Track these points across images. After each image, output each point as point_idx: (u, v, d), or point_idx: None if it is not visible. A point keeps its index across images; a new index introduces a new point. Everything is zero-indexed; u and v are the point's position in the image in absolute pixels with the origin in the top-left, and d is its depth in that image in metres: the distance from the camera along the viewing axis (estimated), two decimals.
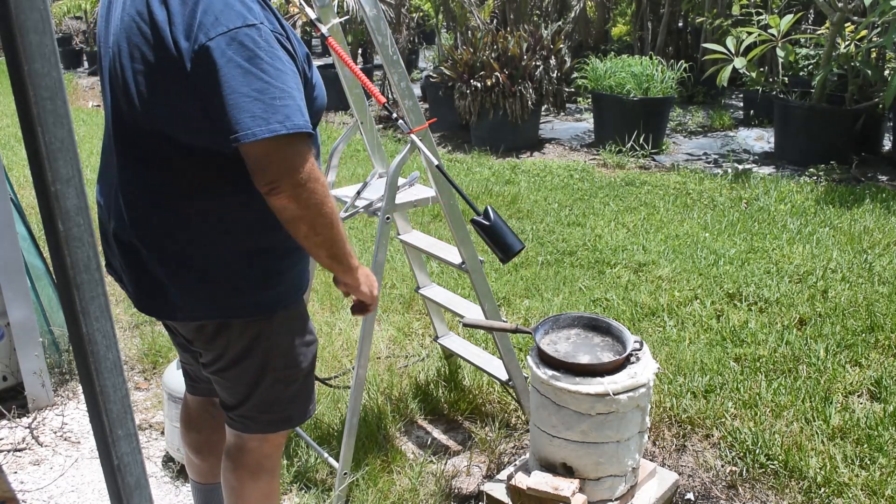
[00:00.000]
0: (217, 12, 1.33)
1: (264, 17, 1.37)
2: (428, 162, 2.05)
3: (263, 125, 1.31)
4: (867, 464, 2.41)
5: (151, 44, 1.40)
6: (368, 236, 4.62)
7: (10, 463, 2.63)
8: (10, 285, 2.76)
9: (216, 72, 1.31)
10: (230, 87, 1.31)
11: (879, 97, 5.94)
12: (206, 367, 1.70)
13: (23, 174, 6.03)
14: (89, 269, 0.74)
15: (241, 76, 1.31)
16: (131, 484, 0.83)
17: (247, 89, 1.31)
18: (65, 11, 13.15)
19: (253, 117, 1.31)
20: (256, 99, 1.31)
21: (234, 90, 1.31)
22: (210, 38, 1.32)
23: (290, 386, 1.72)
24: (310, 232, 1.44)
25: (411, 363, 3.12)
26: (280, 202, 1.38)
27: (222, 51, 1.31)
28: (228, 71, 1.31)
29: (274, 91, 1.33)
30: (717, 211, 4.99)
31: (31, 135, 0.69)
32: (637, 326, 3.39)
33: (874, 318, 3.31)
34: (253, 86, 1.31)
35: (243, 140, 1.31)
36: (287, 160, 1.36)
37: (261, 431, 1.74)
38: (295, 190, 1.37)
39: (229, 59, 1.31)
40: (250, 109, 1.31)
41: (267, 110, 1.31)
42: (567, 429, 2.05)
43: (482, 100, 6.72)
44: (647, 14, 9.15)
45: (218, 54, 1.31)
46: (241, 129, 1.31)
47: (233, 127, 1.31)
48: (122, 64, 1.46)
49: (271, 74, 1.33)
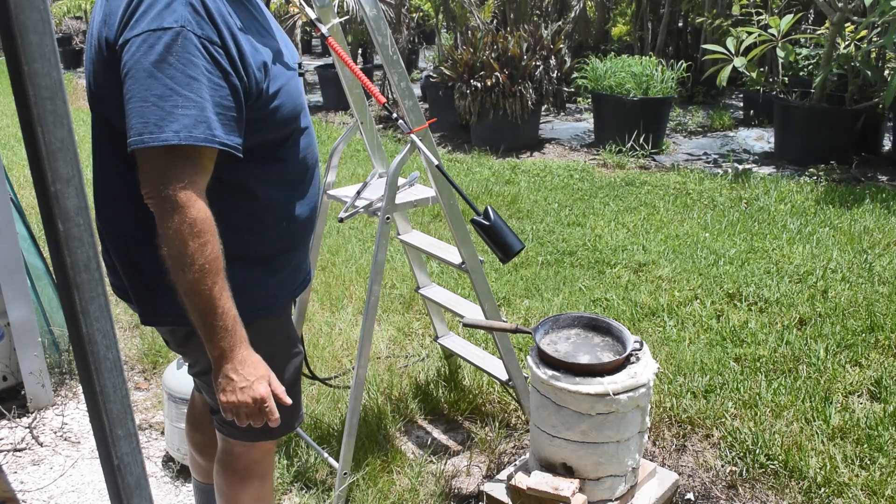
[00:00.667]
0: (139, 14, 1.30)
1: (192, 20, 1.30)
2: (428, 162, 2.05)
3: (156, 132, 1.25)
4: (867, 464, 2.41)
5: (96, 44, 1.41)
6: (368, 236, 4.62)
7: (10, 463, 2.63)
8: (10, 285, 2.76)
9: (124, 73, 1.29)
10: (131, 90, 1.27)
11: (879, 97, 5.94)
12: (189, 370, 1.72)
13: (23, 174, 6.03)
14: (89, 269, 0.74)
15: (144, 79, 1.27)
16: (131, 484, 0.83)
17: (146, 94, 1.26)
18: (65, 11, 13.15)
19: (146, 123, 1.25)
20: (154, 105, 1.26)
21: (133, 94, 1.27)
22: (126, 40, 1.29)
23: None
24: (166, 260, 1.33)
25: (411, 363, 3.12)
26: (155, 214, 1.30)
27: (132, 53, 1.28)
28: (133, 73, 1.27)
29: (177, 99, 1.26)
30: (717, 211, 4.99)
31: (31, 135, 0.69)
32: (637, 326, 3.39)
33: (874, 318, 3.31)
34: (153, 91, 1.26)
35: (133, 146, 1.26)
36: (164, 172, 1.28)
37: (244, 439, 1.72)
38: (157, 204, 1.29)
39: (136, 61, 1.27)
40: (145, 115, 1.26)
41: (164, 118, 1.25)
42: (567, 429, 2.05)
43: (482, 100, 6.72)
44: (647, 14, 9.15)
45: (128, 56, 1.28)
46: (133, 134, 1.27)
47: (129, 132, 1.27)
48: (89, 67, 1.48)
49: (178, 81, 1.27)
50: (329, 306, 3.68)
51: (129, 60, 1.28)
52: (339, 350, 3.23)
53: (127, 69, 1.28)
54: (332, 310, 3.65)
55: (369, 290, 2.17)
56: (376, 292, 2.18)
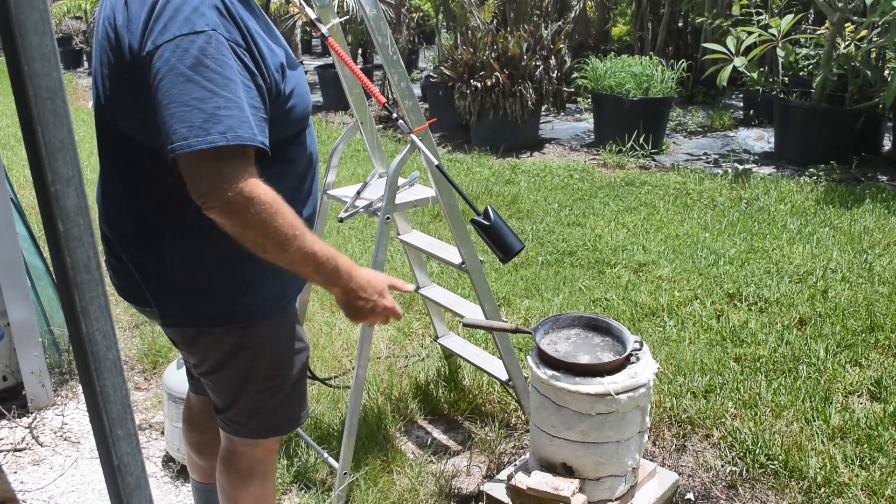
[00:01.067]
0: (167, 19, 1.28)
1: (220, 24, 1.30)
2: (428, 162, 2.05)
3: (202, 135, 1.24)
4: (867, 464, 2.41)
5: (114, 48, 1.40)
6: (368, 236, 4.62)
7: (10, 463, 2.63)
8: (10, 285, 2.76)
9: (158, 79, 1.27)
10: (169, 95, 1.25)
11: (879, 97, 5.94)
12: (194, 369, 1.71)
13: (23, 174, 6.03)
14: (89, 269, 0.74)
15: (182, 84, 1.25)
16: (131, 484, 0.83)
17: (186, 98, 1.25)
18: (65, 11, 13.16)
19: (190, 127, 1.24)
20: (196, 108, 1.25)
21: (172, 99, 1.25)
22: (157, 46, 1.28)
23: (276, 395, 1.69)
24: (258, 249, 1.36)
25: (411, 363, 3.12)
26: (214, 217, 1.31)
27: (165, 58, 1.26)
28: (170, 79, 1.26)
29: (218, 100, 1.26)
30: (717, 211, 4.99)
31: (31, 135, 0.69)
32: (637, 326, 3.39)
33: (874, 318, 3.31)
34: (194, 94, 1.25)
35: (178, 151, 1.24)
36: (221, 174, 1.27)
37: (249, 437, 1.72)
38: (225, 207, 1.29)
39: (172, 66, 1.26)
40: (188, 119, 1.24)
41: (208, 120, 1.25)
42: (567, 429, 2.05)
43: (482, 100, 6.72)
44: (647, 14, 9.15)
45: (161, 62, 1.27)
46: (176, 139, 1.25)
47: (170, 137, 1.25)
48: (97, 68, 1.47)
49: (217, 83, 1.27)
50: (329, 306, 3.68)
51: (162, 66, 1.26)
52: (339, 350, 3.23)
53: (161, 75, 1.26)
54: (332, 310, 3.65)
55: None
56: None
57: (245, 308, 1.55)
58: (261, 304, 1.57)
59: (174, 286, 1.51)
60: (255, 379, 1.64)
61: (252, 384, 1.64)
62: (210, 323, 1.54)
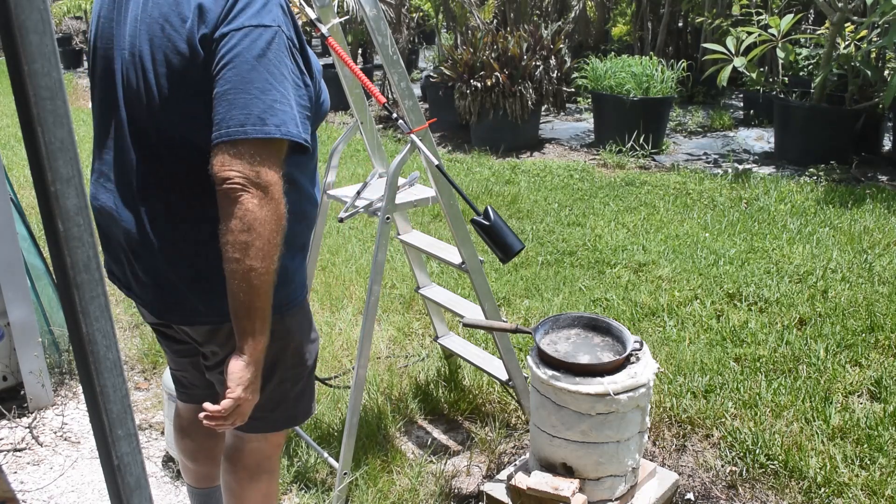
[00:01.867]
0: (238, 10, 1.33)
1: (284, 22, 1.37)
2: (428, 162, 2.05)
3: (259, 125, 1.30)
4: (867, 464, 2.41)
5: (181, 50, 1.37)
6: (368, 236, 4.62)
7: (10, 463, 2.63)
8: (10, 285, 2.76)
9: (223, 63, 1.31)
10: (231, 80, 1.31)
11: (879, 97, 5.94)
12: (214, 368, 1.68)
13: (23, 174, 6.03)
14: (89, 269, 0.74)
15: (247, 71, 1.31)
16: (131, 484, 0.83)
17: (248, 86, 1.31)
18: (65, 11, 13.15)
19: (248, 115, 1.30)
20: (257, 98, 1.31)
21: (234, 84, 1.31)
22: (224, 34, 1.32)
23: (296, 384, 1.72)
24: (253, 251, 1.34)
25: (411, 363, 3.12)
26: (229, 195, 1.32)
27: (233, 44, 1.31)
28: (237, 63, 1.31)
29: (275, 94, 1.32)
30: (717, 211, 4.99)
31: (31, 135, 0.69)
32: (637, 326, 3.39)
33: (874, 318, 3.31)
34: (255, 83, 1.31)
35: (234, 136, 1.29)
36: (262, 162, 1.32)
37: (267, 430, 1.74)
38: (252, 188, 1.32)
39: (239, 52, 1.31)
40: (248, 107, 1.30)
41: (266, 111, 1.31)
42: (567, 429, 2.05)
43: (482, 100, 6.72)
44: (647, 14, 9.15)
45: (228, 47, 1.32)
46: (233, 124, 1.30)
47: (225, 121, 1.30)
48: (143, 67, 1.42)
49: (276, 77, 1.33)
50: (329, 306, 3.69)
51: (229, 52, 1.31)
52: (339, 350, 3.23)
53: (227, 59, 1.31)
54: (332, 310, 3.65)
55: (369, 290, 2.17)
56: (376, 292, 2.18)
57: (284, 296, 1.58)
58: (298, 293, 1.62)
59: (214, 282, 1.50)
60: (279, 370, 1.66)
61: (276, 375, 1.66)
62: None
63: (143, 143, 1.49)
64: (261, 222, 1.33)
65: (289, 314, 1.62)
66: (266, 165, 1.32)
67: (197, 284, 1.52)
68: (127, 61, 1.45)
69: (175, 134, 1.44)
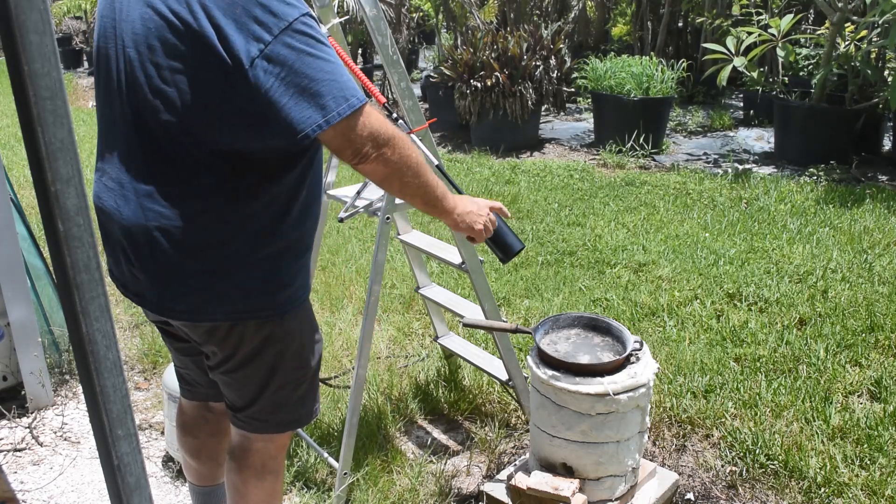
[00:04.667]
0: (273, 7, 1.33)
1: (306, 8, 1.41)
2: (428, 162, 2.05)
3: (343, 103, 1.36)
4: (867, 464, 2.41)
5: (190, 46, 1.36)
6: (368, 236, 4.62)
7: (10, 463, 2.63)
8: (10, 285, 2.75)
9: (288, 66, 1.33)
10: (307, 76, 1.34)
11: (879, 97, 5.94)
12: (215, 368, 1.68)
13: (23, 174, 6.03)
14: (89, 269, 0.74)
15: (314, 62, 1.35)
16: (131, 484, 0.83)
17: (322, 74, 1.35)
18: (65, 11, 13.16)
19: (334, 99, 1.35)
20: (333, 80, 1.36)
21: (311, 78, 1.34)
22: (275, 36, 1.33)
23: (299, 386, 1.72)
24: (403, 186, 1.53)
25: (411, 363, 3.12)
26: (370, 167, 1.45)
27: (290, 45, 1.33)
28: (303, 61, 1.34)
29: (339, 70, 1.38)
30: (717, 211, 4.99)
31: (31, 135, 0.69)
32: (637, 326, 3.39)
33: (874, 318, 3.31)
34: (325, 69, 1.36)
35: (333, 122, 1.35)
36: (367, 128, 1.40)
37: (269, 432, 1.74)
38: (381, 151, 1.43)
39: (299, 50, 1.34)
40: (331, 92, 1.35)
41: (342, 89, 1.36)
42: (567, 429, 2.05)
43: (482, 100, 6.72)
44: (647, 14, 9.15)
45: (287, 50, 1.33)
46: (327, 111, 1.35)
47: (315, 112, 1.34)
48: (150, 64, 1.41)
49: (331, 55, 1.38)
50: (329, 306, 3.69)
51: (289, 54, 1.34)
52: (339, 350, 3.23)
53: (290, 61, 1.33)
54: (332, 310, 3.65)
55: (369, 290, 2.17)
56: (376, 292, 2.18)
57: (286, 298, 1.59)
58: (294, 296, 1.62)
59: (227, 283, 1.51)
60: (280, 372, 1.66)
61: (278, 377, 1.67)
62: (248, 316, 1.56)
63: (151, 142, 1.47)
64: (406, 164, 1.48)
65: (289, 315, 1.62)
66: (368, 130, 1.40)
67: (199, 282, 1.52)
68: (130, 58, 1.44)
69: (184, 132, 1.43)
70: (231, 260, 1.51)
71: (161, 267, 1.51)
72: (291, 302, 1.61)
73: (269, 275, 1.55)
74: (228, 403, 1.74)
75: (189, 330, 1.63)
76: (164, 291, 1.54)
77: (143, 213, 1.49)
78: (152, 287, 1.55)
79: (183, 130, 1.43)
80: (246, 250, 1.52)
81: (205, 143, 1.43)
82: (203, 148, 1.44)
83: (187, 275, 1.51)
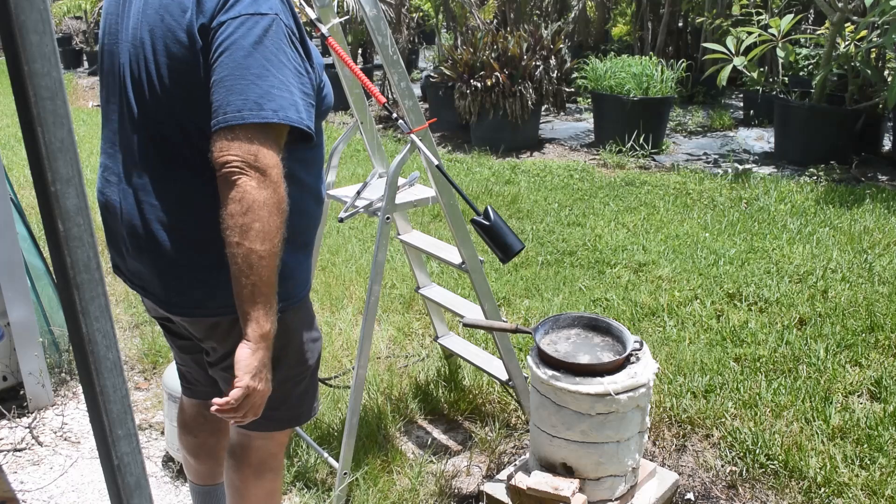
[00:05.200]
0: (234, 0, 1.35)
1: (282, 10, 1.38)
2: (428, 162, 2.05)
3: (256, 110, 1.31)
4: (867, 464, 2.41)
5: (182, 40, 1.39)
6: (368, 236, 4.62)
7: (10, 463, 2.63)
8: (10, 285, 2.75)
9: (220, 52, 1.33)
10: (228, 67, 1.32)
11: (879, 97, 5.94)
12: (216, 365, 1.68)
13: (23, 174, 6.03)
14: (89, 269, 0.74)
15: (243, 58, 1.32)
16: (131, 484, 0.83)
17: (245, 72, 1.32)
18: (65, 11, 13.15)
19: (245, 101, 1.31)
20: (253, 83, 1.32)
21: (230, 72, 1.32)
22: (221, 22, 1.34)
23: (299, 383, 1.72)
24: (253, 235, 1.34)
25: (411, 363, 3.12)
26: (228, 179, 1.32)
27: (229, 32, 1.33)
28: (233, 51, 1.33)
29: (272, 80, 1.33)
30: (717, 211, 4.99)
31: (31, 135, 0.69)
32: (637, 326, 3.39)
33: (874, 318, 3.31)
34: (252, 69, 1.32)
35: (231, 122, 1.30)
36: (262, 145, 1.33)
37: (270, 430, 1.74)
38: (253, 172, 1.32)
39: (234, 40, 1.33)
40: (245, 93, 1.31)
41: (262, 97, 1.32)
42: (567, 429, 2.05)
43: (482, 100, 6.72)
44: (647, 14, 9.15)
45: (224, 35, 1.33)
46: (231, 110, 1.31)
47: (223, 108, 1.32)
48: (145, 57, 1.44)
49: (273, 64, 1.34)
50: (329, 306, 3.69)
51: (226, 39, 1.33)
52: (339, 350, 3.23)
53: (224, 47, 1.32)
54: (332, 310, 3.65)
55: (369, 290, 2.17)
56: (376, 292, 2.18)
57: (285, 293, 1.58)
58: (300, 289, 1.62)
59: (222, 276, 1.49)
60: (281, 368, 1.65)
61: (279, 374, 1.65)
62: None
63: (151, 135, 1.49)
64: (259, 204, 1.33)
65: (289, 312, 1.62)
66: (265, 148, 1.33)
67: (202, 276, 1.52)
68: (132, 54, 1.47)
69: (185, 124, 1.44)
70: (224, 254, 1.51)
71: (163, 260, 1.52)
72: (292, 297, 1.61)
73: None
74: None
75: (190, 325, 1.63)
76: (167, 284, 1.54)
77: (141, 207, 1.50)
78: (155, 280, 1.55)
79: (184, 124, 1.44)
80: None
81: (198, 136, 1.44)
82: (197, 141, 1.44)
83: (189, 268, 1.51)
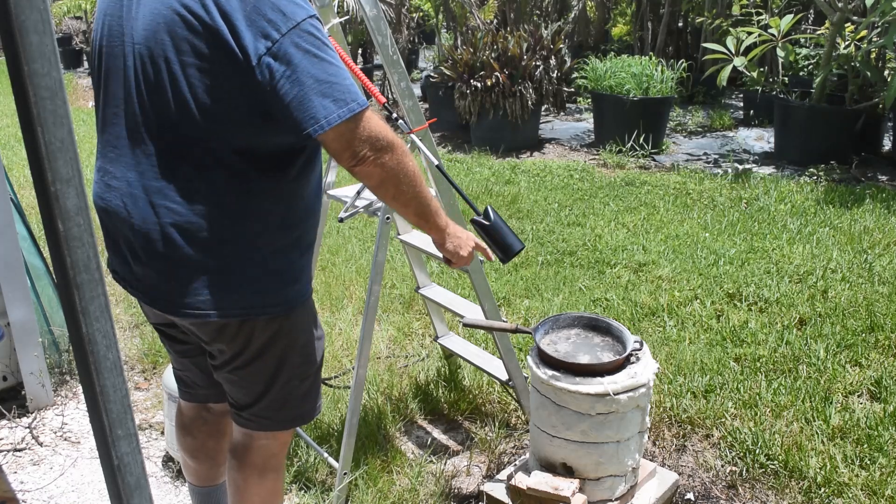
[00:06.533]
0: (282, 6, 1.36)
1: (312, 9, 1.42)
2: (428, 162, 2.05)
3: (343, 106, 1.38)
4: (867, 464, 2.41)
5: (205, 41, 1.37)
6: (368, 236, 4.62)
7: (10, 463, 2.63)
8: (10, 285, 2.75)
9: (294, 65, 1.35)
10: (311, 76, 1.36)
11: (879, 97, 5.94)
12: (222, 367, 1.67)
13: (23, 174, 6.03)
14: (89, 269, 0.74)
15: (318, 64, 1.37)
16: (131, 484, 0.83)
17: (325, 76, 1.37)
18: (65, 11, 13.15)
19: (335, 101, 1.37)
20: (334, 83, 1.38)
21: (315, 78, 1.36)
22: (283, 34, 1.35)
23: (303, 382, 1.73)
24: (397, 193, 1.54)
25: (411, 363, 3.12)
26: (366, 170, 1.46)
27: (297, 44, 1.35)
28: (309, 62, 1.36)
29: (342, 73, 1.40)
30: (717, 211, 4.99)
31: (31, 135, 0.69)
32: (637, 326, 3.39)
33: (874, 318, 3.31)
34: (329, 71, 1.38)
35: (334, 123, 1.37)
36: (366, 132, 1.42)
37: (274, 429, 1.75)
38: (378, 155, 1.45)
39: (305, 51, 1.36)
40: (332, 94, 1.37)
41: (344, 92, 1.38)
42: (567, 429, 2.05)
43: (482, 100, 6.72)
44: (647, 14, 9.15)
45: (293, 49, 1.35)
46: (327, 113, 1.37)
47: (318, 113, 1.36)
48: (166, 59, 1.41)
49: (334, 59, 1.41)
50: (329, 306, 3.69)
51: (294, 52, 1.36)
52: (339, 350, 3.23)
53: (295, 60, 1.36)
54: (332, 310, 3.65)
55: (369, 290, 2.17)
56: (376, 292, 2.18)
57: (292, 294, 1.61)
58: (302, 290, 1.64)
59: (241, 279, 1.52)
60: (286, 367, 1.67)
61: (284, 373, 1.68)
62: (259, 311, 1.57)
63: (159, 137, 1.47)
64: (403, 172, 1.50)
65: (296, 311, 1.64)
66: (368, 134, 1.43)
67: (213, 279, 1.51)
68: (143, 56, 1.43)
69: (198, 129, 1.43)
70: (243, 255, 1.52)
71: (174, 264, 1.50)
72: (299, 297, 1.63)
73: (279, 269, 1.57)
74: (233, 402, 1.74)
75: (197, 329, 1.61)
76: (176, 288, 1.52)
77: (154, 211, 1.48)
78: (164, 285, 1.54)
79: (195, 126, 1.43)
80: (256, 245, 1.53)
81: (216, 138, 1.44)
82: (215, 143, 1.44)
83: (201, 271, 1.50)
